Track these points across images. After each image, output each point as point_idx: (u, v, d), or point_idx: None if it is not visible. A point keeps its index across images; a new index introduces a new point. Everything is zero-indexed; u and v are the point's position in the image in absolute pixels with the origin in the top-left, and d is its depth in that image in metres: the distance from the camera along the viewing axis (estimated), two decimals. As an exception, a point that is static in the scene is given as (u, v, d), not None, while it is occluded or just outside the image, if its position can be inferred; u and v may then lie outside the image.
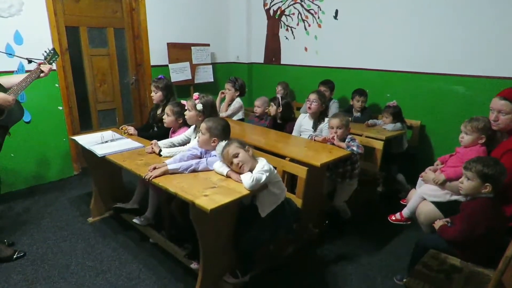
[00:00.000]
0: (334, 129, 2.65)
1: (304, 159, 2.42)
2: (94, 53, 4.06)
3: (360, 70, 4.08)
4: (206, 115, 2.50)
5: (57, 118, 3.72)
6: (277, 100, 3.36)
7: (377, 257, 2.55)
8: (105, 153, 2.41)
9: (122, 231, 2.83)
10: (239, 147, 1.98)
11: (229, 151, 1.97)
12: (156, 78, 3.16)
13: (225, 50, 5.26)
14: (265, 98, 3.66)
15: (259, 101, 3.62)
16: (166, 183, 1.95)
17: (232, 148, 1.97)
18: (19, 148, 3.50)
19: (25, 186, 3.63)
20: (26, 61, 2.55)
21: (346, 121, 2.67)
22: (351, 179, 2.76)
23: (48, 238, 2.74)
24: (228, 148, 1.98)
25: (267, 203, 2.07)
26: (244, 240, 2.10)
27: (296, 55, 4.71)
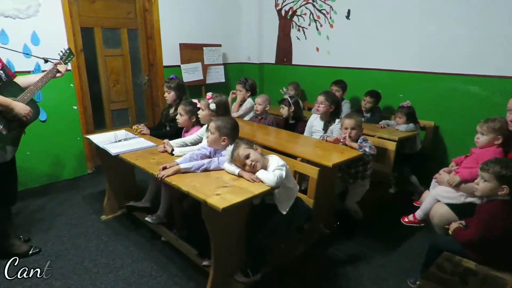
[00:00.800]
0: (348, 130, 2.63)
1: (316, 159, 2.40)
2: (108, 54, 4.12)
3: (373, 70, 4.04)
4: (219, 115, 2.51)
5: (72, 117, 3.79)
6: (286, 100, 3.35)
7: (389, 258, 2.52)
8: (118, 152, 2.44)
9: (134, 229, 2.86)
10: (248, 148, 2.00)
11: (239, 153, 1.98)
12: (167, 78, 3.19)
13: (237, 50, 5.28)
14: (266, 96, 3.61)
15: (260, 98, 3.55)
16: (179, 182, 1.96)
17: (241, 150, 1.98)
18: (35, 147, 3.57)
19: (40, 184, 3.70)
20: (43, 61, 2.60)
21: (359, 121, 2.65)
22: (363, 180, 2.73)
23: (62, 235, 2.79)
24: (238, 151, 1.99)
25: (285, 198, 2.07)
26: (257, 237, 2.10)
27: (308, 56, 4.70)
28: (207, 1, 4.74)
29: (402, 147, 3.23)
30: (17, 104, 2.20)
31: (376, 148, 2.61)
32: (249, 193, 1.86)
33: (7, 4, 3.21)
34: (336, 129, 2.94)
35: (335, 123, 2.99)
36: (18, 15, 3.29)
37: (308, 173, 2.38)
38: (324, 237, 2.71)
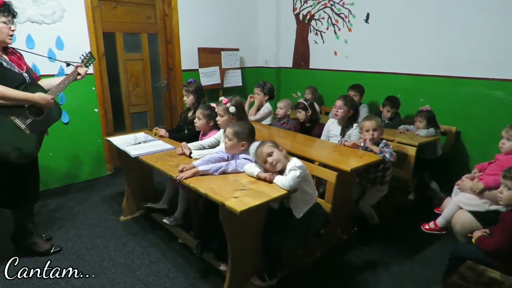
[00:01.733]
0: (369, 132, 2.59)
1: (334, 163, 2.38)
2: (129, 58, 4.21)
3: (392, 74, 3.99)
4: (238, 118, 2.52)
5: (93, 120, 3.88)
6: (301, 104, 3.33)
7: (409, 266, 2.47)
8: (138, 154, 2.48)
9: (152, 230, 2.90)
10: (273, 146, 2.02)
11: (263, 150, 2.00)
12: (186, 82, 3.23)
13: (254, 54, 5.31)
14: (288, 101, 3.62)
15: (282, 103, 3.58)
16: (197, 184, 1.98)
17: (266, 147, 2.01)
18: (57, 148, 3.67)
19: (61, 184, 3.80)
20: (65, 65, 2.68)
21: (380, 122, 2.62)
22: (382, 185, 2.69)
23: (82, 234, 2.85)
24: (262, 148, 2.01)
25: (302, 203, 2.07)
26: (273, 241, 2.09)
27: (325, 60, 4.68)
28: (225, 6, 4.80)
29: (422, 153, 3.17)
30: (39, 95, 2.26)
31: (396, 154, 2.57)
32: (266, 196, 1.86)
33: (34, 10, 3.33)
34: (354, 134, 2.91)
35: (353, 127, 2.96)
36: (44, 21, 3.40)
37: (326, 177, 2.37)
38: (341, 243, 2.67)
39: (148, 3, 4.23)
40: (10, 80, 2.16)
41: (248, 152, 2.26)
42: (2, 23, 2.15)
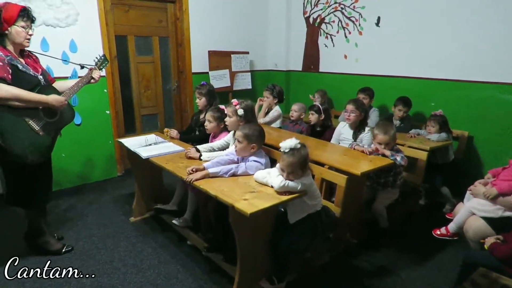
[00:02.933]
0: (382, 145, 2.56)
1: (344, 167, 2.38)
2: (140, 61, 4.27)
3: (403, 78, 3.96)
4: (247, 120, 2.54)
5: (104, 122, 3.94)
6: (316, 107, 3.34)
7: (419, 272, 2.44)
8: (149, 155, 2.51)
9: (162, 231, 2.92)
10: (299, 167, 1.93)
11: (292, 162, 1.92)
12: (199, 85, 3.26)
13: (264, 58, 5.33)
14: (303, 104, 3.66)
15: (297, 105, 3.62)
16: (207, 186, 2.00)
17: (294, 162, 1.92)
18: (70, 149, 3.73)
19: (72, 184, 3.86)
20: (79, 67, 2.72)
21: (394, 135, 2.58)
22: (393, 188, 2.68)
23: (93, 234, 2.89)
24: (292, 160, 1.92)
25: (297, 210, 2.07)
26: (281, 246, 2.09)
27: (335, 63, 4.67)
28: (235, 9, 4.83)
29: (433, 157, 3.14)
30: (53, 98, 2.30)
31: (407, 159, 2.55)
32: (276, 199, 1.87)
33: (48, 13, 3.40)
34: (366, 138, 2.90)
35: (365, 131, 2.95)
36: (58, 24, 3.48)
37: (336, 181, 2.36)
38: (351, 247, 2.66)
39: (159, 6, 4.28)
40: (25, 83, 2.21)
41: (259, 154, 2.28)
42: (21, 28, 2.20)
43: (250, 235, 1.99)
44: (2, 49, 2.18)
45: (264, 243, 2.09)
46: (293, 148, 1.94)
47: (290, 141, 1.95)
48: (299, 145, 1.96)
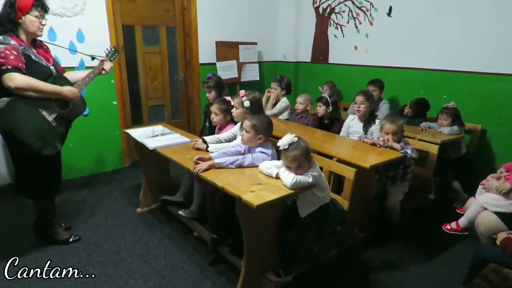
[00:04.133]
0: (388, 135, 2.53)
1: (352, 160, 2.36)
2: (147, 51, 4.26)
3: (414, 69, 3.90)
4: (253, 112, 2.52)
5: (111, 112, 3.96)
6: (324, 99, 3.30)
7: (429, 267, 2.42)
8: (155, 146, 2.52)
9: (168, 223, 2.94)
10: (305, 159, 1.93)
11: (296, 155, 1.91)
12: (205, 78, 3.24)
13: (272, 48, 5.28)
14: (308, 96, 3.59)
15: (302, 97, 3.56)
16: (214, 178, 2.00)
17: (298, 155, 1.91)
18: (76, 140, 3.75)
19: (80, 175, 3.90)
20: (87, 58, 2.73)
21: (401, 126, 2.55)
22: (402, 182, 2.65)
23: (100, 224, 2.92)
24: (296, 153, 1.91)
25: (308, 204, 2.07)
26: (288, 239, 2.09)
27: (345, 54, 4.61)
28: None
29: (445, 151, 3.09)
30: (67, 89, 2.31)
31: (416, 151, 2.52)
32: (283, 191, 1.86)
33: (56, 3, 3.40)
34: (376, 130, 2.86)
35: (376, 123, 2.92)
36: (65, 13, 3.48)
37: (344, 174, 2.34)
38: (359, 241, 2.64)
39: (167, -4, 4.27)
40: (39, 73, 2.22)
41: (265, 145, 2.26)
42: (35, 17, 2.20)
43: (257, 227, 1.99)
44: (16, 39, 2.18)
45: (271, 236, 2.09)
46: (292, 142, 1.93)
47: (286, 137, 1.96)
48: (296, 138, 1.96)
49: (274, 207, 1.98)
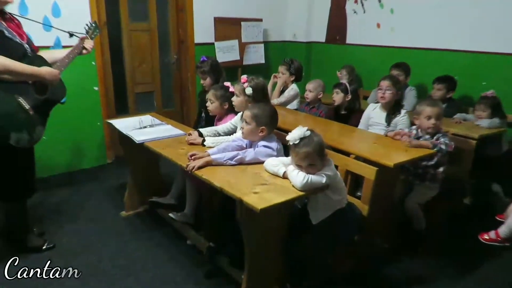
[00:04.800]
0: (432, 120, 2.51)
1: (373, 157, 2.36)
2: (134, 28, 4.26)
3: (448, 51, 3.89)
4: (256, 101, 2.51)
5: (92, 100, 3.96)
6: (343, 85, 3.28)
7: (463, 284, 2.42)
8: (143, 139, 2.52)
9: (157, 229, 2.95)
10: (318, 156, 1.92)
11: (308, 152, 1.90)
12: (198, 63, 3.23)
13: (280, 26, 5.26)
14: (320, 82, 3.57)
15: (312, 84, 3.54)
16: (211, 176, 1.99)
17: (311, 152, 1.90)
18: (51, 131, 3.68)
19: (55, 173, 3.91)
20: (64, 35, 2.72)
21: (442, 110, 2.55)
22: (432, 183, 2.65)
23: (78, 230, 2.94)
24: (308, 149, 1.90)
25: (321, 208, 2.06)
26: (297, 249, 2.09)
27: (366, 33, 4.61)
28: (247, -33, 4.77)
29: (483, 148, 3.07)
30: (46, 70, 2.28)
31: (453, 144, 2.52)
32: (292, 193, 1.86)
33: (28, -29, 3.40)
34: (402, 122, 2.86)
35: (401, 114, 2.91)
36: (39, -17, 3.47)
37: (364, 173, 2.32)
38: (380, 252, 2.64)
39: (157, -37, 4.26)
40: (13, 52, 2.18)
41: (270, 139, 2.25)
42: None
43: (261, 234, 1.99)
44: None
45: (277, 244, 2.08)
46: (304, 137, 1.91)
47: (297, 131, 1.94)
48: (309, 132, 1.94)
49: (281, 212, 1.97)
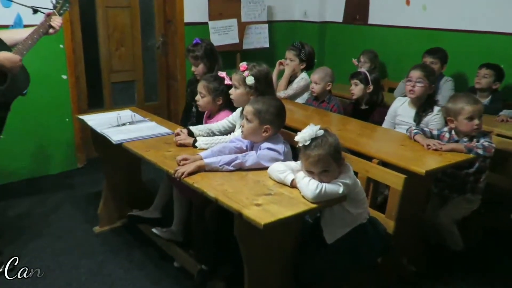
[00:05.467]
0: (475, 120, 2.52)
1: (401, 162, 2.37)
2: (111, 4, 4.29)
3: (491, 34, 3.90)
4: (259, 93, 2.53)
5: (60, 91, 3.99)
6: (362, 74, 3.30)
7: (506, 316, 2.44)
8: (122, 139, 2.53)
9: (138, 247, 2.97)
10: (333, 160, 1.93)
11: (321, 155, 1.91)
12: (190, 45, 3.24)
13: (288, 2, 5.30)
14: (328, 70, 3.59)
15: (318, 73, 3.54)
16: (203, 185, 2.00)
17: (325, 155, 1.91)
18: (11, 129, 3.72)
19: (15, 179, 3.93)
20: (27, 11, 2.73)
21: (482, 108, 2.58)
22: (473, 194, 2.67)
23: (43, 248, 2.95)
24: (321, 152, 1.91)
25: (337, 224, 2.08)
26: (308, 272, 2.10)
27: (392, 12, 4.63)
28: None
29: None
30: (4, 56, 2.31)
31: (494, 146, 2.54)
32: (302, 205, 1.86)
33: None
34: (435, 121, 2.89)
35: (434, 112, 2.93)
36: None
37: (389, 182, 2.34)
38: (407, 277, 2.65)
39: None
40: None
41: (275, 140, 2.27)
42: None
43: (264, 254, 1.99)
44: None
45: (283, 267, 2.09)
46: (316, 137, 1.93)
47: (308, 130, 1.94)
48: (322, 131, 1.95)
49: (289, 228, 1.98)
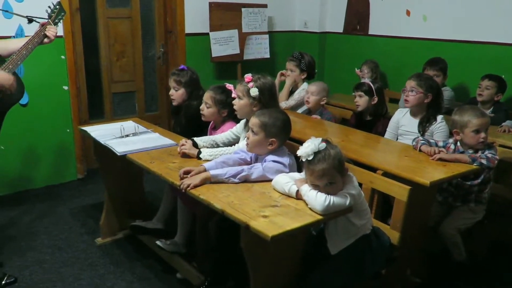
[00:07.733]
0: (481, 134, 2.53)
1: (405, 173, 2.37)
2: (112, 15, 4.32)
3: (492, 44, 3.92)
4: (263, 104, 2.55)
5: (61, 102, 4.00)
6: (366, 86, 3.31)
7: (512, 328, 2.44)
8: (126, 151, 2.54)
9: (141, 259, 2.96)
10: (338, 173, 1.95)
11: (325, 169, 1.92)
12: (176, 69, 3.25)
13: (289, 13, 5.33)
14: (324, 85, 3.62)
15: (316, 86, 3.57)
16: (209, 196, 2.01)
17: (329, 169, 1.92)
18: (10, 139, 3.75)
19: (15, 190, 3.93)
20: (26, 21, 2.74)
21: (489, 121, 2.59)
22: (477, 205, 2.68)
23: (44, 260, 2.95)
24: (325, 166, 1.92)
25: (341, 235, 2.08)
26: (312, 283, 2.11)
27: (393, 22, 4.65)
28: None
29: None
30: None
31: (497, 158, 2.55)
32: (309, 217, 1.87)
33: None
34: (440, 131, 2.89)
35: (437, 121, 2.94)
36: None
37: (393, 193, 2.35)
38: (412, 288, 2.66)
39: None
40: None
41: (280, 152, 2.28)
42: None
43: (270, 266, 2.00)
44: None
45: (288, 277, 2.09)
46: (318, 150, 1.95)
47: (309, 144, 1.95)
48: (324, 144, 1.96)
49: (295, 240, 1.99)
